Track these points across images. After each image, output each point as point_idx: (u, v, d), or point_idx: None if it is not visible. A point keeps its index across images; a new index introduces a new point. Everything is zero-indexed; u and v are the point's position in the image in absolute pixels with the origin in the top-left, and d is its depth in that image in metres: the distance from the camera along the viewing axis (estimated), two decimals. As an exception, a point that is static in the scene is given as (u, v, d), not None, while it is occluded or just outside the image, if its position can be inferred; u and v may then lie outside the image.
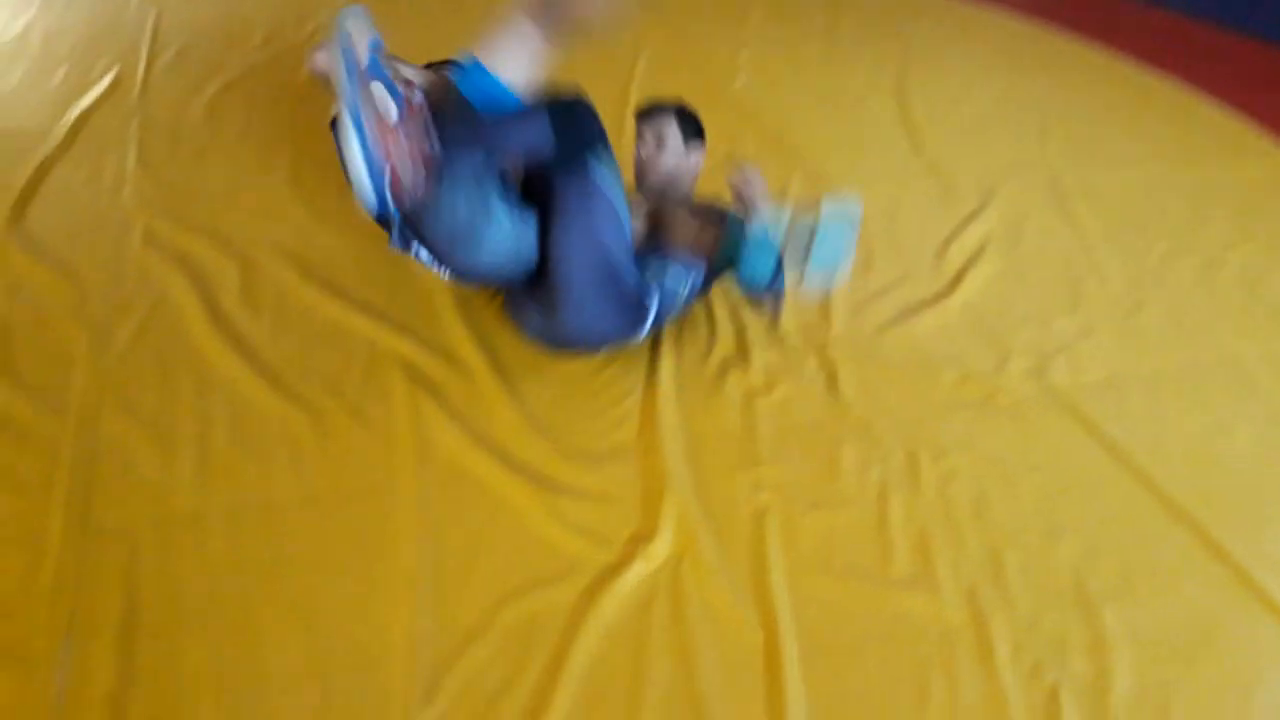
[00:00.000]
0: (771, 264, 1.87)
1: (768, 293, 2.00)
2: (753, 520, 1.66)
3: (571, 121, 1.78)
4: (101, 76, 3.02)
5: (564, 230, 1.79)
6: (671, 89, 3.36)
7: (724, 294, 2.21)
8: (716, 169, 2.35)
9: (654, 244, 2.00)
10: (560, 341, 1.95)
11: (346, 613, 1.45)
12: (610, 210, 1.80)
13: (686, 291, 1.97)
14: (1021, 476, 1.83)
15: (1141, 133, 3.42)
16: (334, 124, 1.86)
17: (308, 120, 1.99)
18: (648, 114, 2.24)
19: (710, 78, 3.50)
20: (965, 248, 2.55)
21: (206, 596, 1.44)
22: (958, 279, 2.40)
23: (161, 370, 1.81)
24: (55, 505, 1.53)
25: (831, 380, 2.00)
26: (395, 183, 1.44)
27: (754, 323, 2.14)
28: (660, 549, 1.58)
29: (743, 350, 2.05)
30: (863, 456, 1.82)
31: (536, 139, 1.73)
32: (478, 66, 1.67)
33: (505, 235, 1.77)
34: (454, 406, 1.82)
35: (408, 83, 1.51)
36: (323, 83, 1.94)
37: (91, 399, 1.73)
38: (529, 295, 1.92)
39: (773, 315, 2.11)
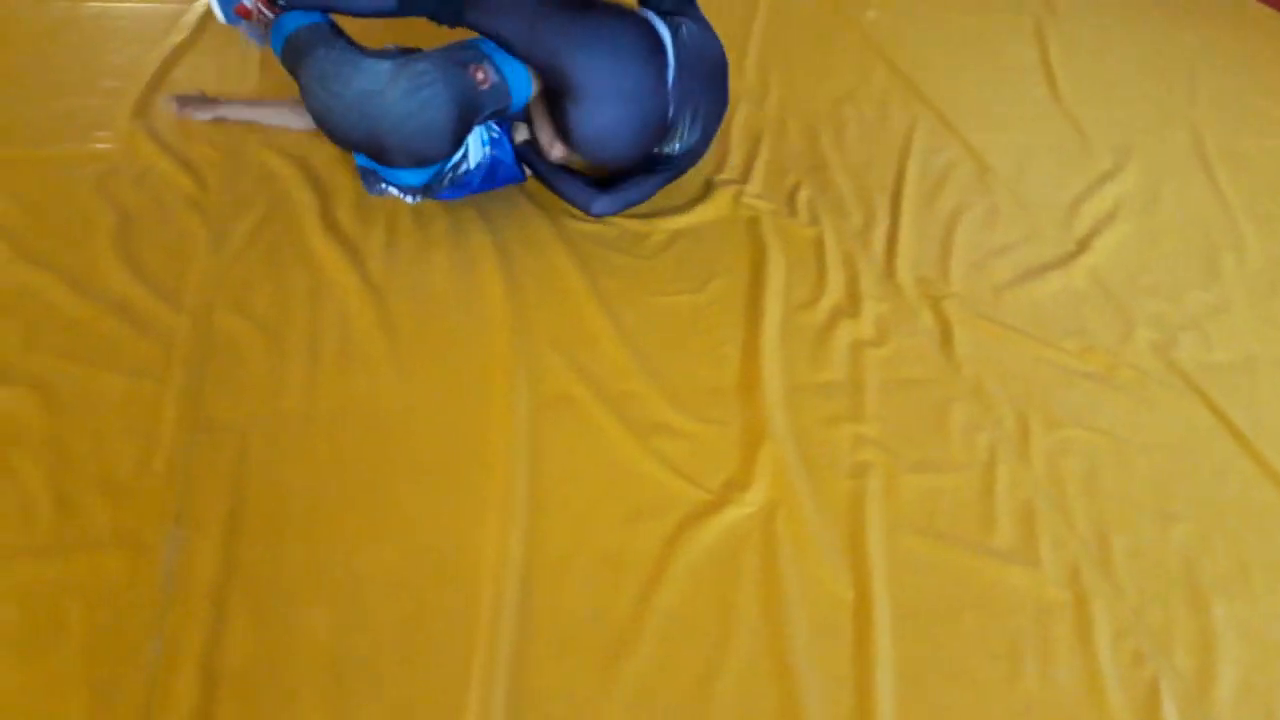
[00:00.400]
0: None
1: None
2: (852, 475, 1.62)
3: None
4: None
5: (494, 26, 1.87)
6: (799, 16, 3.24)
7: (838, 242, 2.14)
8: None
9: None
10: (606, 108, 1.89)
11: (441, 525, 1.47)
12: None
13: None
14: (1138, 456, 1.74)
15: (1300, 97, 3.16)
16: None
17: (436, 30, 1.95)
18: None
19: (839, 8, 3.34)
20: (1097, 209, 2.40)
21: (309, 497, 1.47)
22: (1086, 242, 2.27)
23: (275, 271, 1.84)
24: (169, 396, 1.58)
25: (945, 337, 1.92)
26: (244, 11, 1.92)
27: (867, 271, 2.06)
28: (755, 496, 1.55)
29: (854, 299, 1.98)
30: (972, 419, 1.75)
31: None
32: None
33: (385, 75, 1.78)
34: (556, 332, 1.81)
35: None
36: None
37: (207, 294, 1.77)
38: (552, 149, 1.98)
39: None
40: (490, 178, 1.98)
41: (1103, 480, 1.69)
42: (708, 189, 2.24)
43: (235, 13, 1.96)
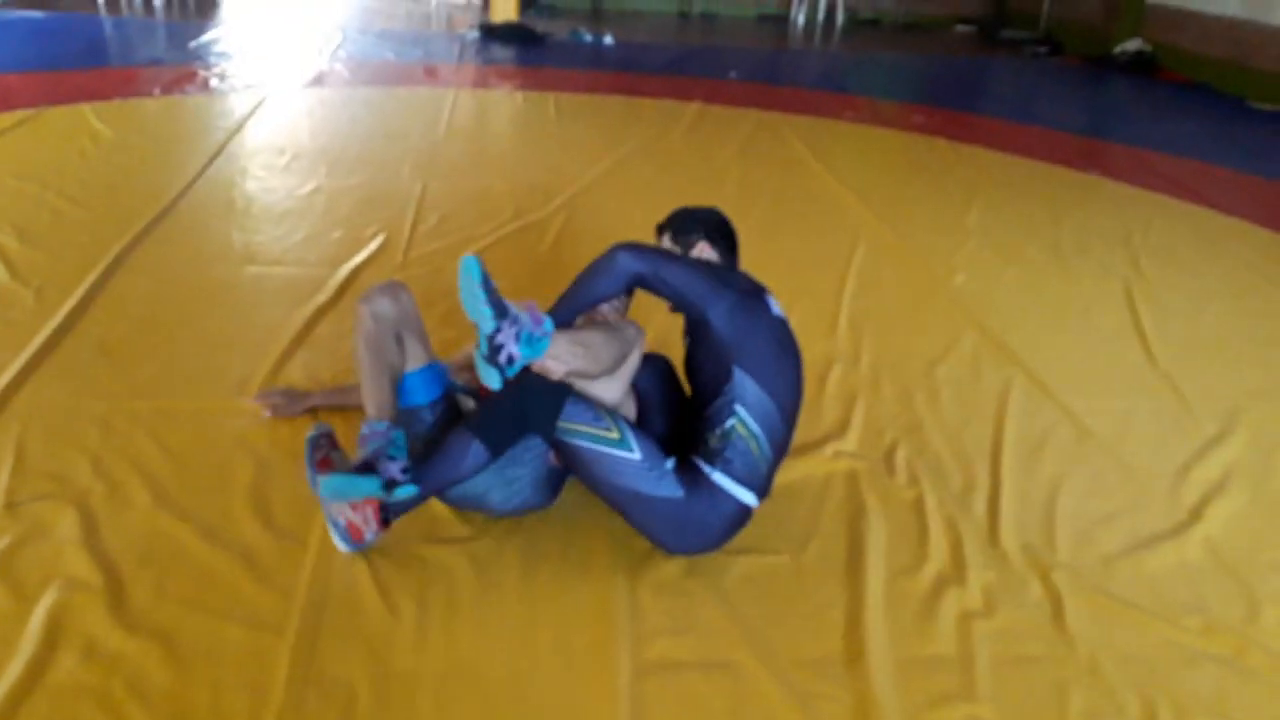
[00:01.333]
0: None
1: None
2: (969, 764, 1.54)
3: (522, 413, 1.81)
4: (372, 238, 3.38)
5: (585, 482, 1.89)
6: (889, 281, 3.40)
7: (939, 504, 2.14)
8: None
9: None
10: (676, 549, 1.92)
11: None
12: (595, 455, 1.81)
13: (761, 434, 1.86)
14: (1281, 754, 1.62)
15: None
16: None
17: (552, 286, 2.12)
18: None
19: (929, 273, 3.50)
20: (1206, 476, 2.36)
21: (410, 762, 1.47)
22: (1197, 511, 2.21)
23: (394, 526, 1.92)
24: (284, 648, 1.62)
25: (1057, 610, 1.86)
26: (354, 531, 1.81)
27: (970, 536, 2.04)
28: (866, 783, 1.49)
29: (958, 567, 1.95)
30: (1093, 705, 1.66)
31: (473, 463, 1.81)
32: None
33: (482, 484, 1.89)
34: (659, 591, 1.82)
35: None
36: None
37: (329, 544, 1.85)
38: None
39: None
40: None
41: (1244, 781, 1.56)
42: (804, 446, 2.29)
43: (353, 538, 1.82)
